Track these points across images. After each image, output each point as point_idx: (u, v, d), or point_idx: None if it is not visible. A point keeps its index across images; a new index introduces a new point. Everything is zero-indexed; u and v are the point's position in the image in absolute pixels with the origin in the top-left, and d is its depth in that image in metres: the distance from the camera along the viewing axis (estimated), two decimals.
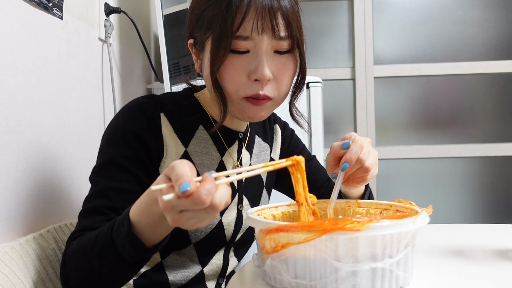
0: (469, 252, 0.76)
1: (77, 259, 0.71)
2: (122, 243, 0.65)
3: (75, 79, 1.23)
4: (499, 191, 2.44)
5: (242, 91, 0.78)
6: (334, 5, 2.44)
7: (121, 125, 0.81)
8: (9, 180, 0.91)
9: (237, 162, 0.92)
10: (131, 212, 0.65)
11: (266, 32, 0.75)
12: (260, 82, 0.77)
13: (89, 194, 0.79)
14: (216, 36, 0.76)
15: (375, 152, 0.79)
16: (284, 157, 1.05)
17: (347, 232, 0.52)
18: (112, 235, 0.66)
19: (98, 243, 0.68)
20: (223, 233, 0.88)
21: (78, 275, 0.71)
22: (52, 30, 1.11)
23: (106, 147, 0.81)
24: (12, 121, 0.93)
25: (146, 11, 1.89)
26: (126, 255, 0.66)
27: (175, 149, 0.83)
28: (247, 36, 0.75)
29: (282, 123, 1.09)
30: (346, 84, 2.42)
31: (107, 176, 0.78)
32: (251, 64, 0.77)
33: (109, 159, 0.79)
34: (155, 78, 1.87)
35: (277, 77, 0.79)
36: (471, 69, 2.38)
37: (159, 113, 0.83)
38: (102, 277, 0.68)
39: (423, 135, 2.43)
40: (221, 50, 0.76)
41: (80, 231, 0.75)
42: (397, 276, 0.57)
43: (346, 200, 0.77)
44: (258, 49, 0.76)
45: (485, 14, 2.40)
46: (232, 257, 0.94)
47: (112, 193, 0.76)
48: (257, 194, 0.97)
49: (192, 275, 0.88)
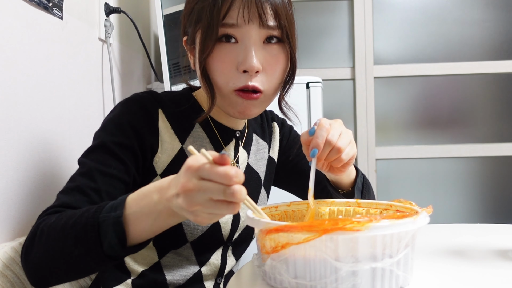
0: (469, 252, 0.76)
1: (51, 234, 0.66)
2: (107, 227, 0.61)
3: (75, 79, 1.23)
4: (499, 191, 2.44)
5: (231, 83, 0.78)
6: (334, 5, 2.44)
7: (118, 114, 0.81)
8: (9, 180, 0.91)
9: (233, 160, 0.91)
10: (128, 198, 0.63)
11: (253, 21, 0.75)
12: (249, 74, 0.77)
13: (74, 174, 0.76)
14: (204, 27, 0.77)
15: (347, 132, 0.78)
16: (283, 155, 1.06)
17: (347, 232, 0.52)
18: (100, 217, 0.62)
19: (81, 221, 0.63)
20: (220, 231, 0.88)
21: (42, 251, 0.66)
22: (52, 30, 1.11)
23: (100, 133, 0.81)
24: (12, 121, 0.93)
25: (146, 11, 1.89)
26: (105, 242, 0.62)
27: (171, 145, 0.83)
28: (233, 23, 0.75)
29: (280, 121, 1.08)
30: (346, 84, 2.42)
31: (96, 159, 0.76)
32: (239, 55, 0.77)
33: (101, 144, 0.78)
34: (155, 78, 1.87)
35: (267, 69, 0.79)
36: (471, 69, 2.38)
37: (157, 108, 0.83)
38: (68, 259, 0.64)
39: (423, 135, 2.43)
40: (208, 40, 0.76)
41: (58, 206, 0.71)
42: (397, 276, 0.57)
43: (346, 200, 0.77)
44: (246, 39, 0.76)
45: (485, 14, 2.40)
46: (230, 256, 0.94)
47: (99, 176, 0.74)
48: (255, 193, 0.97)
49: (190, 275, 0.88)
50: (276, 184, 1.09)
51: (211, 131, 0.89)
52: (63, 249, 0.64)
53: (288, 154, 1.05)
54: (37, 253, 0.66)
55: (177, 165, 0.82)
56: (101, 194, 0.74)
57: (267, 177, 1.01)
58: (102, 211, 0.63)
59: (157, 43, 1.90)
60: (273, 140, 1.04)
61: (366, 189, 0.95)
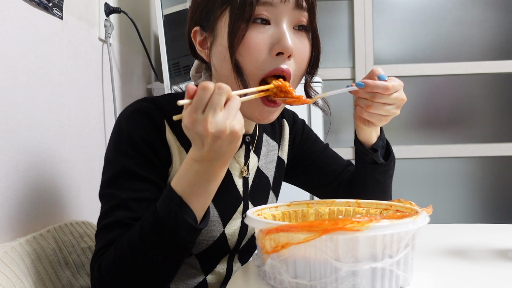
0: (469, 252, 0.76)
1: (122, 263, 0.66)
2: (174, 217, 0.64)
3: (75, 79, 1.23)
4: (499, 191, 2.44)
5: (261, 69, 0.74)
6: (334, 5, 2.44)
7: (127, 131, 0.76)
8: (9, 180, 0.91)
9: (244, 166, 0.88)
10: (172, 185, 0.66)
11: (289, 0, 0.73)
12: (282, 57, 0.73)
13: (106, 209, 0.73)
14: (235, 7, 0.71)
15: (404, 96, 0.81)
16: (298, 153, 1.02)
17: (347, 232, 0.52)
18: (161, 215, 0.65)
19: (146, 231, 0.65)
20: (226, 243, 0.84)
21: (123, 283, 0.67)
22: (52, 30, 1.11)
23: (116, 157, 0.76)
24: (12, 121, 0.93)
25: (146, 11, 1.90)
26: (181, 230, 0.64)
27: (179, 158, 0.78)
28: (270, 2, 0.72)
29: (291, 116, 1.03)
30: (346, 84, 2.42)
31: (124, 187, 0.73)
32: (273, 37, 0.73)
33: (123, 169, 0.74)
34: (155, 78, 1.87)
35: (296, 56, 0.75)
36: (471, 69, 2.38)
37: (163, 120, 0.78)
38: (154, 269, 0.66)
39: (423, 135, 2.43)
40: (242, 21, 0.71)
41: (106, 246, 0.70)
42: (397, 276, 0.57)
43: (346, 200, 0.77)
44: (280, 20, 0.73)
45: (485, 14, 2.40)
46: (236, 263, 0.90)
47: (134, 204, 0.72)
48: (263, 198, 0.93)
49: (195, 284, 0.85)
50: (291, 181, 1.05)
51: None
52: (144, 264, 0.66)
53: (303, 152, 1.02)
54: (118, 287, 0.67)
55: None
56: None
57: (276, 180, 0.97)
58: (157, 211, 0.66)
59: (157, 43, 1.90)
60: (283, 139, 1.00)
61: (389, 148, 0.96)
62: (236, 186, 0.86)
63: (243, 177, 0.87)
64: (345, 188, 1.00)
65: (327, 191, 1.03)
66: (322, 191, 1.04)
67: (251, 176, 0.89)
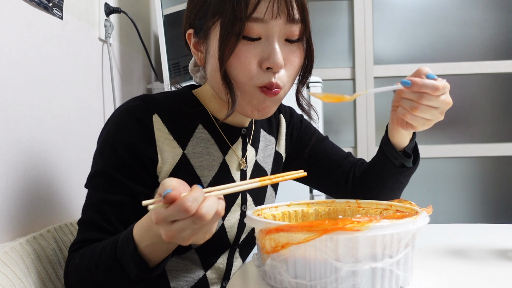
0: (469, 252, 0.76)
1: (80, 274, 0.72)
2: (128, 263, 0.67)
3: (75, 79, 1.23)
4: (499, 191, 2.44)
5: (253, 80, 0.74)
6: (334, 5, 2.44)
7: (112, 133, 0.79)
8: (9, 180, 0.91)
9: (242, 159, 0.88)
10: (134, 233, 0.66)
11: (280, 16, 0.72)
12: (272, 71, 0.74)
13: (84, 205, 0.80)
14: (227, 20, 0.71)
15: (450, 100, 0.78)
16: (296, 146, 1.02)
17: (347, 232, 0.52)
18: (117, 254, 0.68)
19: (102, 261, 0.69)
20: (226, 236, 0.85)
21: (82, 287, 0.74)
22: (52, 30, 1.11)
23: (98, 157, 0.80)
24: (12, 121, 0.93)
25: (146, 11, 1.89)
26: (132, 274, 0.68)
27: (171, 153, 0.79)
28: (261, 19, 0.71)
29: (288, 112, 1.04)
30: (346, 84, 2.42)
31: (99, 187, 0.77)
32: (263, 51, 0.73)
33: (101, 170, 0.78)
34: (155, 78, 1.87)
35: (287, 65, 0.76)
36: (471, 69, 2.38)
37: (151, 116, 0.79)
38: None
39: (423, 135, 2.43)
40: (232, 35, 0.71)
41: (80, 242, 0.77)
42: (397, 276, 0.57)
43: (346, 200, 0.77)
44: (271, 35, 0.73)
45: (485, 14, 2.40)
46: (237, 258, 0.91)
47: (106, 207, 0.76)
48: (262, 193, 0.93)
49: (195, 281, 0.85)
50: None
51: (215, 131, 0.85)
52: (97, 285, 0.71)
53: (302, 145, 1.02)
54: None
55: (180, 171, 0.80)
56: (113, 224, 0.76)
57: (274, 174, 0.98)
58: (116, 248, 0.68)
59: (157, 43, 1.90)
60: (280, 134, 1.00)
61: (417, 150, 0.95)
62: (234, 179, 0.86)
63: (241, 169, 0.88)
64: (354, 182, 0.99)
65: (328, 183, 1.02)
66: (323, 183, 1.04)
67: (249, 169, 0.90)
